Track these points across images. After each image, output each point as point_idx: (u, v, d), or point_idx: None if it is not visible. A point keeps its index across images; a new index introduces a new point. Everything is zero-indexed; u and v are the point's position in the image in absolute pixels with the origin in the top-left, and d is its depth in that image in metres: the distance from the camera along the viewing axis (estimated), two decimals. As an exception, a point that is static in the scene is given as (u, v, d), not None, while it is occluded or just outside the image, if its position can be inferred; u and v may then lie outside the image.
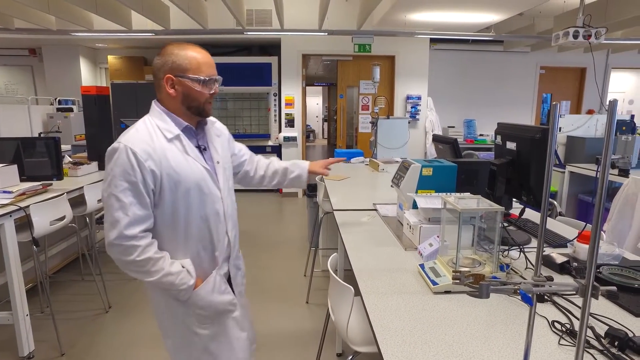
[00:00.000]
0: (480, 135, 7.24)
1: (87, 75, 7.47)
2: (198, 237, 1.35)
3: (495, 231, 1.44)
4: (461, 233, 1.35)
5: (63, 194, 2.71)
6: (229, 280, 1.48)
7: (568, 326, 1.04)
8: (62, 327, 2.72)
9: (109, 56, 7.44)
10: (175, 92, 1.29)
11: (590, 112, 7.31)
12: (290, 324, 2.86)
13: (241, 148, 1.70)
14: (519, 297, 0.67)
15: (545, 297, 1.24)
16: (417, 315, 1.14)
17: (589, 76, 7.39)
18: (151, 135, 1.27)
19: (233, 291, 1.48)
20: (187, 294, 1.32)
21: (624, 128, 4.58)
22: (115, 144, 1.24)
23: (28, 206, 2.37)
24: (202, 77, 1.28)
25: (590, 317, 1.10)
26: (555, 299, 1.22)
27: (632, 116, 5.22)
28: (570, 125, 4.54)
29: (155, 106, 1.34)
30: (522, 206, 1.88)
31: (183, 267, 1.31)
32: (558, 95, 7.56)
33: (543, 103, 7.61)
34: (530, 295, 0.62)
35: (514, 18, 5.68)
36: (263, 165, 1.76)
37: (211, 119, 1.48)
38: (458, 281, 0.73)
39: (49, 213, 2.53)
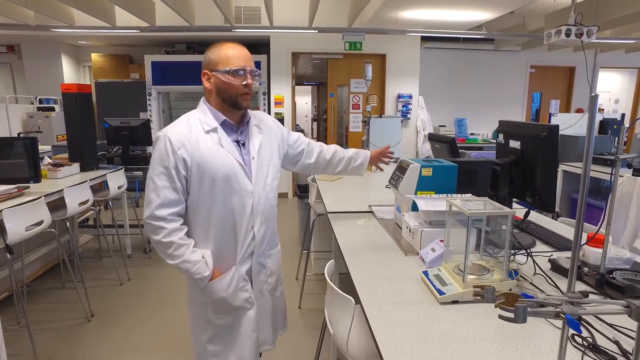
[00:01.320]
0: (472, 134, 7.22)
1: (70, 74, 7.23)
2: (221, 226, 1.39)
3: (500, 235, 1.36)
4: (464, 237, 1.26)
5: (40, 197, 2.56)
6: (251, 277, 1.49)
7: (590, 340, 0.96)
8: (40, 339, 2.56)
9: (92, 54, 7.21)
10: (211, 85, 1.39)
11: (579, 110, 7.34)
12: (283, 330, 2.74)
13: (297, 139, 1.74)
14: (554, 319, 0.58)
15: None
16: (425, 328, 1.04)
17: (578, 75, 7.43)
18: (190, 127, 1.37)
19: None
20: (202, 283, 1.38)
21: (615, 127, 4.58)
22: (158, 133, 1.38)
23: (1, 211, 2.22)
24: (229, 68, 1.34)
25: (612, 329, 1.02)
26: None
27: (623, 115, 5.24)
28: (562, 124, 4.52)
29: (201, 102, 1.45)
30: (526, 208, 1.81)
31: (203, 257, 1.37)
32: (548, 94, 7.58)
33: (533, 102, 7.63)
34: (576, 319, 0.52)
35: (505, 17, 5.65)
36: (328, 152, 1.82)
37: (258, 115, 1.55)
38: (481, 298, 0.63)
39: (24, 218, 2.37)
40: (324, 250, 3.46)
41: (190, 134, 1.36)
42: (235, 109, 1.41)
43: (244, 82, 1.37)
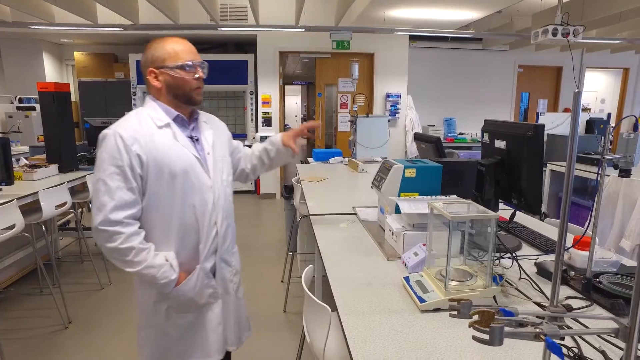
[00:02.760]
0: (460, 133, 7.21)
1: (52, 73, 7.05)
2: (183, 225, 1.33)
3: (486, 237, 1.31)
4: (451, 243, 1.21)
5: (12, 200, 2.46)
6: (214, 273, 1.44)
7: (576, 350, 0.91)
8: (11, 348, 2.46)
9: (75, 52, 7.04)
10: (160, 83, 1.33)
11: (567, 110, 7.38)
12: (267, 333, 2.68)
13: (237, 146, 1.70)
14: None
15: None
16: (404, 339, 0.99)
17: (565, 75, 7.46)
18: (140, 123, 1.30)
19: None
20: (169, 287, 1.31)
21: (601, 126, 4.59)
22: (105, 130, 1.27)
23: (-32, 215, 2.12)
24: (181, 63, 1.30)
25: (597, 337, 0.97)
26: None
27: (609, 115, 5.27)
28: (550, 123, 4.52)
29: (148, 99, 1.38)
30: (512, 209, 1.77)
31: (167, 260, 1.30)
32: (535, 93, 7.61)
33: (521, 101, 7.65)
34: (558, 342, 0.47)
35: (493, 16, 5.64)
36: (253, 155, 1.74)
37: (207, 114, 1.53)
38: (457, 314, 0.57)
39: (-6, 222, 2.27)
40: (309, 252, 3.40)
41: (143, 129, 1.29)
42: (188, 105, 1.37)
43: (197, 76, 1.33)
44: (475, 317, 0.51)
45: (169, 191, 1.30)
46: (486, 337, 0.48)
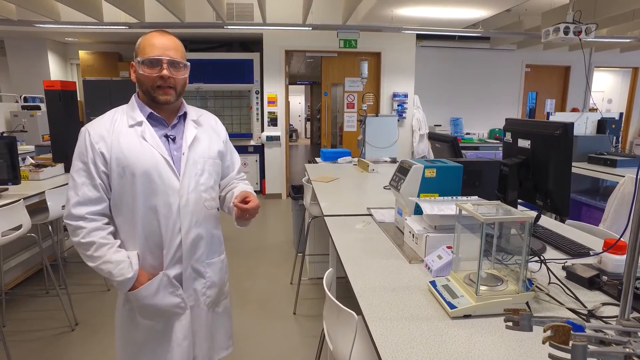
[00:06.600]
0: (467, 133, 7.15)
1: (57, 71, 7.02)
2: (145, 228, 1.29)
3: (509, 240, 1.26)
4: (472, 243, 1.16)
5: (19, 200, 2.42)
6: (181, 283, 1.37)
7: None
8: (17, 351, 2.42)
9: (80, 51, 7.01)
10: (134, 78, 1.33)
11: (574, 110, 7.31)
12: (276, 338, 2.63)
13: (230, 165, 1.52)
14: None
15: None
16: (437, 347, 0.94)
17: (573, 75, 7.39)
18: (113, 121, 1.30)
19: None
20: (125, 286, 1.27)
21: (613, 126, 4.53)
22: (82, 128, 1.30)
23: (-25, 215, 2.07)
24: (142, 58, 1.27)
25: None
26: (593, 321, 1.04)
27: (621, 114, 5.20)
28: (561, 123, 4.44)
29: (132, 96, 1.37)
30: (528, 209, 1.72)
31: (128, 257, 1.27)
32: (543, 93, 7.54)
33: (528, 101, 7.58)
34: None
35: (501, 15, 5.58)
36: (232, 190, 1.53)
37: (198, 110, 1.46)
38: (514, 326, 0.52)
39: (1, 222, 2.23)
40: (319, 253, 3.35)
41: (112, 127, 1.28)
42: (154, 103, 1.31)
43: (158, 74, 1.26)
44: (549, 332, 0.46)
45: (131, 191, 1.27)
46: (567, 356, 0.43)
